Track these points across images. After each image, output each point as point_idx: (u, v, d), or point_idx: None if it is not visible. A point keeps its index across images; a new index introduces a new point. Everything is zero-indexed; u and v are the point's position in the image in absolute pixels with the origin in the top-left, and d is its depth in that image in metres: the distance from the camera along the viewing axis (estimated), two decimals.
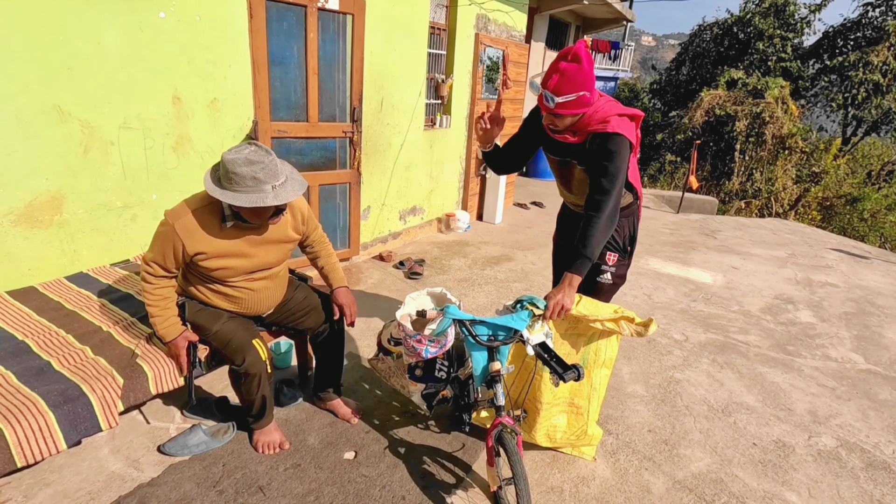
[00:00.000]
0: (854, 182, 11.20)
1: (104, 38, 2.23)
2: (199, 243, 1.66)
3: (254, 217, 1.65)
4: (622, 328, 1.81)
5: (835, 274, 4.99)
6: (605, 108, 1.77)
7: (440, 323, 1.69)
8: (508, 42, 5.34)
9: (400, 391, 2.10)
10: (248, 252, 1.74)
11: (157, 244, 1.68)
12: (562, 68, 1.65)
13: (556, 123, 1.79)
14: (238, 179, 1.54)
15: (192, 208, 1.65)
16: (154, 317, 1.74)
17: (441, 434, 2.18)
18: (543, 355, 1.68)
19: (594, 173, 1.79)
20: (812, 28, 13.32)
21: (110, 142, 2.35)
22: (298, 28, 3.07)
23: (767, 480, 2.09)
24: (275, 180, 1.58)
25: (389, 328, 2.05)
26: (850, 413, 2.63)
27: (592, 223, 1.75)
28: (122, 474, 1.83)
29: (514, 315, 1.74)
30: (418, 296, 1.88)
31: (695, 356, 3.07)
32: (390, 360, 2.08)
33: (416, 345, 1.72)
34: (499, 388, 1.72)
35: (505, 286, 3.87)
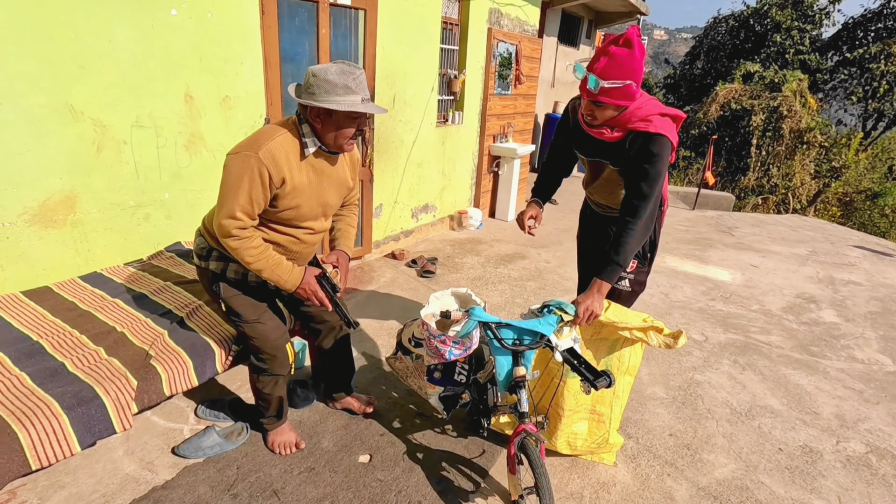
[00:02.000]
0: (874, 177, 10.94)
1: (116, 36, 2.21)
2: (284, 171, 1.53)
3: (339, 135, 1.56)
4: (650, 338, 1.75)
5: (858, 272, 4.86)
6: (647, 105, 1.66)
7: (465, 325, 1.64)
8: (521, 36, 5.26)
9: (417, 392, 2.05)
10: (318, 189, 1.66)
11: (239, 185, 1.50)
12: (611, 51, 1.54)
13: (594, 114, 1.67)
14: (330, 88, 1.48)
15: (270, 138, 1.53)
16: (267, 271, 1.61)
17: (458, 438, 2.14)
18: (573, 361, 1.62)
19: (633, 176, 1.69)
20: (831, 19, 13.01)
21: (123, 141, 2.33)
22: (310, 24, 3.03)
23: (795, 488, 2.02)
24: (364, 93, 1.53)
25: (411, 327, 2.00)
26: (880, 417, 2.54)
27: (628, 229, 1.68)
28: (136, 477, 1.82)
29: (541, 319, 1.67)
30: (442, 295, 1.82)
31: (715, 357, 2.99)
32: (409, 360, 2.03)
33: (439, 346, 1.65)
34: (523, 394, 1.67)
35: (519, 285, 3.81)
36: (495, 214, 5.62)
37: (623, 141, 1.70)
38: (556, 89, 8.96)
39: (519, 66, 5.31)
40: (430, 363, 1.83)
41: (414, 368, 2.01)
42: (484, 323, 1.64)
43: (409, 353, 2.01)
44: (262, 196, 1.54)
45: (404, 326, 2.07)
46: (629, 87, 1.57)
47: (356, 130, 1.59)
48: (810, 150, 10.52)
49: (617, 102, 1.60)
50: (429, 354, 1.75)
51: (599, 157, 1.81)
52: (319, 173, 1.65)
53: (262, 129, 1.60)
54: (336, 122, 1.54)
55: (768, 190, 10.66)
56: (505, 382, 1.72)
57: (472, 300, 1.80)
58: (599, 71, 1.56)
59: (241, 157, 1.50)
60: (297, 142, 1.57)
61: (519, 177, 5.55)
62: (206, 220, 1.74)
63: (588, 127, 1.73)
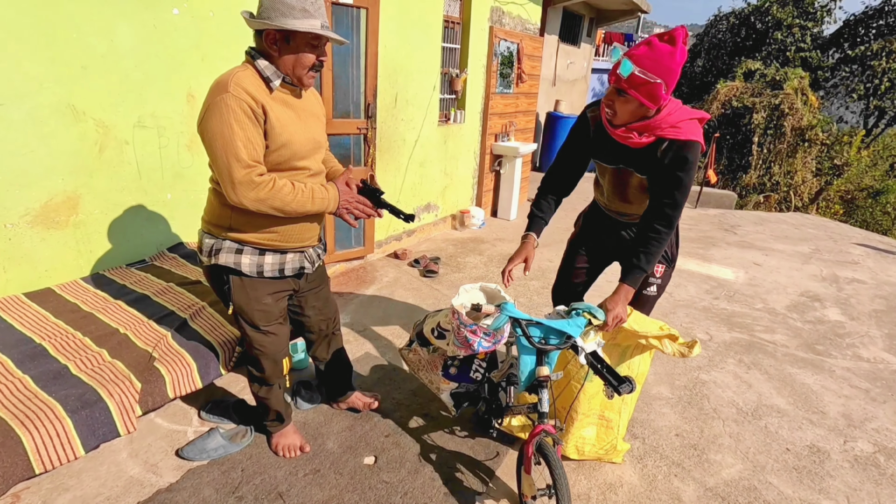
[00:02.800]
0: (876, 174, 10.90)
1: (118, 36, 2.20)
2: (261, 99, 1.40)
3: (298, 63, 1.44)
4: (665, 346, 1.73)
5: (862, 270, 4.84)
6: (677, 111, 1.60)
7: (496, 319, 1.61)
8: (523, 35, 5.24)
9: (427, 386, 2.02)
10: (301, 122, 1.54)
11: (230, 132, 1.35)
12: (654, 42, 1.49)
13: (615, 107, 1.58)
14: (286, 10, 1.37)
15: (231, 75, 1.39)
16: (309, 203, 1.50)
17: (464, 438, 2.13)
18: (597, 365, 1.60)
19: (666, 184, 1.64)
20: (832, 17, 12.95)
21: (125, 141, 2.32)
22: None
23: (803, 488, 2.00)
24: (323, 19, 1.43)
25: (436, 317, 1.93)
26: (887, 416, 2.52)
27: (661, 239, 1.66)
28: (140, 479, 1.80)
29: (569, 320, 1.65)
30: (472, 288, 1.80)
31: (720, 356, 2.98)
32: (425, 352, 1.96)
33: (469, 335, 1.61)
34: (545, 394, 1.65)
35: (522, 284, 3.80)
36: (497, 213, 5.61)
37: (652, 148, 1.63)
38: (557, 88, 8.94)
39: (521, 64, 5.29)
40: (453, 354, 1.79)
41: (428, 361, 1.96)
42: (514, 319, 1.62)
43: (426, 345, 1.95)
44: (257, 133, 1.41)
45: (426, 317, 2.02)
46: (658, 88, 1.49)
47: (316, 60, 1.46)
48: (812, 147, 10.48)
49: (641, 99, 1.52)
50: (455, 345, 1.71)
51: (625, 164, 1.74)
52: (294, 108, 1.52)
53: (217, 77, 1.44)
54: (294, 47, 1.42)
55: (770, 188, 10.62)
56: (527, 382, 1.69)
57: (501, 296, 1.77)
58: (637, 58, 1.49)
59: (213, 103, 1.36)
60: (258, 77, 1.43)
61: (521, 175, 5.53)
62: (205, 216, 1.66)
63: (612, 128, 1.64)
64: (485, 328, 1.60)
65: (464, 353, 1.70)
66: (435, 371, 1.92)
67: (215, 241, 1.61)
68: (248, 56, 1.48)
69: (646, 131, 1.60)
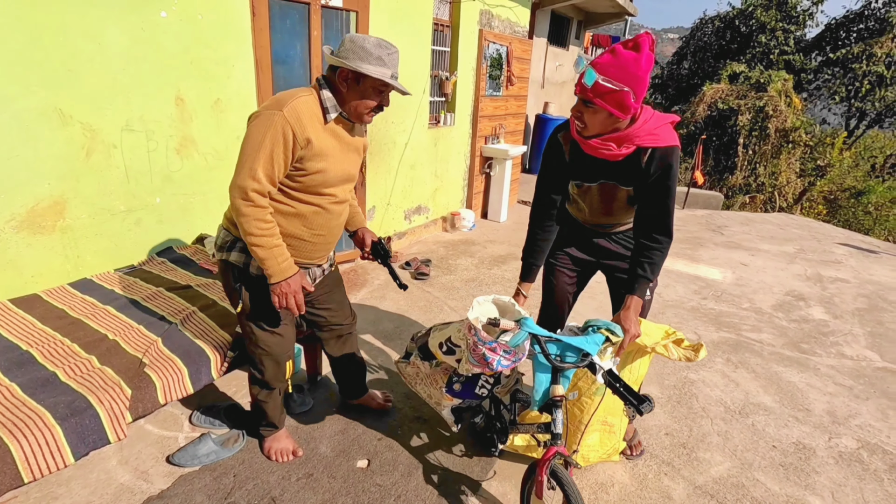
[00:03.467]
0: (858, 175, 11.13)
1: (105, 39, 2.18)
2: (308, 131, 1.48)
3: (362, 104, 1.55)
4: (671, 352, 1.72)
5: (845, 269, 4.94)
6: (653, 118, 1.58)
7: (516, 335, 1.52)
8: (512, 38, 5.28)
9: (426, 401, 1.95)
10: (340, 155, 1.62)
11: (261, 145, 1.43)
12: (617, 50, 1.46)
13: (584, 120, 1.56)
14: (364, 55, 1.49)
15: (294, 97, 1.49)
16: (267, 248, 1.50)
17: (457, 440, 2.13)
18: (615, 385, 1.55)
19: (655, 194, 1.62)
20: (814, 20, 13.20)
21: (113, 144, 2.30)
22: (302, 26, 3.01)
23: (790, 484, 2.04)
24: (395, 70, 1.54)
25: (446, 331, 1.81)
26: (870, 413, 2.58)
27: (663, 248, 1.65)
28: (131, 486, 1.79)
29: (587, 337, 1.59)
30: (485, 301, 1.69)
31: (708, 355, 3.02)
32: (426, 366, 1.88)
33: (488, 353, 1.51)
34: (559, 415, 1.58)
35: (513, 285, 3.79)
36: (488, 215, 5.63)
37: (633, 158, 1.60)
38: (546, 90, 9.00)
39: (510, 67, 5.32)
40: (466, 372, 1.67)
41: (427, 375, 1.89)
42: (533, 335, 1.54)
43: (430, 359, 1.86)
44: (284, 158, 1.47)
45: (431, 330, 1.91)
46: (625, 96, 1.45)
47: (378, 104, 1.57)
48: (796, 149, 10.66)
49: (609, 108, 1.48)
50: (470, 362, 1.59)
51: (607, 178, 1.71)
52: (341, 140, 1.61)
53: (283, 92, 1.54)
54: (362, 90, 1.52)
55: (756, 188, 10.79)
56: (542, 401, 1.62)
57: (515, 310, 1.67)
58: (601, 66, 1.47)
59: (264, 116, 1.45)
60: (318, 106, 1.53)
61: (511, 177, 5.56)
62: (229, 212, 1.68)
63: (584, 139, 1.60)
64: (505, 345, 1.51)
65: (480, 370, 1.60)
66: (435, 386, 1.85)
67: (231, 238, 1.66)
68: (316, 83, 1.57)
69: (624, 142, 1.56)
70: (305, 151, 1.50)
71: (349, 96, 1.54)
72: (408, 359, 1.99)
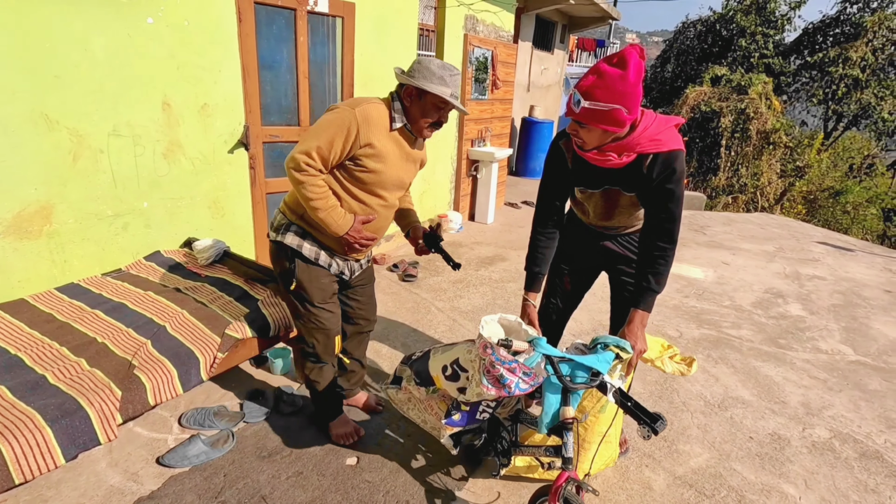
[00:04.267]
0: (836, 175, 11.41)
1: (91, 45, 2.20)
2: (372, 134, 1.66)
3: (422, 119, 1.72)
4: (665, 366, 1.73)
5: (822, 267, 5.08)
6: (654, 124, 1.53)
7: (530, 357, 1.46)
8: (497, 42, 5.36)
9: (420, 425, 1.91)
10: (398, 162, 1.78)
11: (326, 130, 1.62)
12: (602, 69, 1.40)
13: (581, 137, 1.53)
14: (428, 74, 1.66)
15: (368, 101, 1.68)
16: (325, 210, 1.68)
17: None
18: (626, 403, 1.49)
19: (659, 199, 1.58)
20: (792, 25, 13.51)
21: (100, 150, 2.31)
22: (288, 31, 3.04)
23: (765, 473, 2.12)
24: (455, 90, 1.70)
25: (451, 353, 1.70)
26: (842, 404, 2.68)
27: (667, 256, 1.60)
28: (121, 488, 1.80)
29: (598, 356, 1.53)
30: (491, 320, 1.62)
31: (689, 352, 3.10)
32: (422, 391, 1.78)
33: (506, 374, 1.41)
34: (569, 438, 1.53)
35: (500, 286, 3.88)
36: (475, 217, 5.69)
37: (636, 164, 1.56)
38: (531, 93, 9.11)
39: (495, 71, 5.40)
40: (477, 398, 1.57)
41: (421, 401, 1.80)
42: (548, 356, 1.47)
43: (427, 384, 1.76)
44: (341, 147, 1.63)
45: (428, 353, 1.81)
46: (617, 113, 1.41)
47: (437, 120, 1.74)
48: (776, 150, 10.90)
49: (603, 127, 1.45)
50: (484, 385, 1.47)
51: (611, 184, 1.68)
52: (401, 148, 1.77)
53: (361, 96, 1.76)
54: (424, 105, 1.69)
55: (738, 189, 11.00)
56: (551, 423, 1.55)
57: (522, 329, 1.61)
58: (586, 90, 1.42)
59: (338, 110, 1.65)
60: (388, 114, 1.71)
61: (497, 180, 5.63)
62: (290, 197, 1.85)
63: (585, 152, 1.58)
64: (525, 366, 1.43)
65: (496, 394, 1.47)
66: (430, 412, 1.78)
67: (287, 221, 1.83)
68: (390, 95, 1.76)
69: (625, 150, 1.53)
70: (365, 150, 1.67)
71: (412, 111, 1.72)
72: (398, 384, 1.88)
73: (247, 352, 2.13)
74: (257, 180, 3.08)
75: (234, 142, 2.88)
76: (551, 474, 1.80)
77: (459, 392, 1.64)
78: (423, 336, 3.06)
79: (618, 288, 2.01)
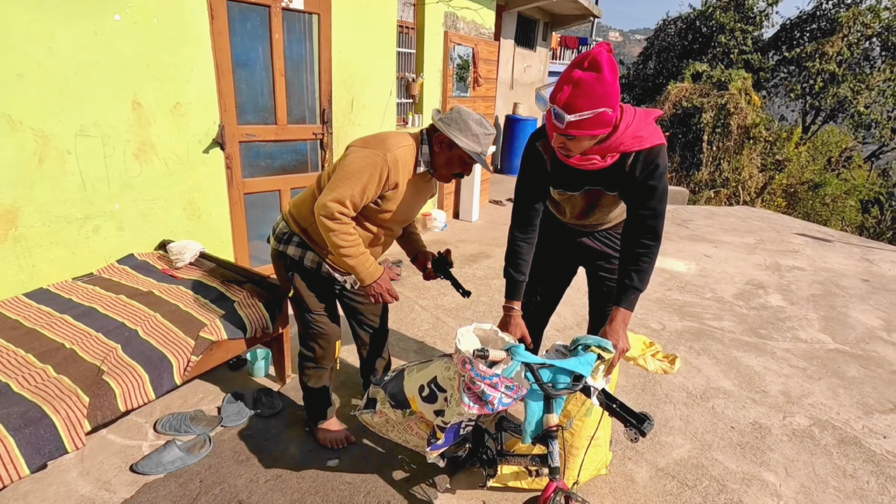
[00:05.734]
0: (815, 169, 11.61)
1: (56, 43, 2.13)
2: (400, 176, 1.67)
3: (448, 167, 1.73)
4: (648, 364, 1.70)
5: (801, 258, 5.16)
6: (635, 121, 1.47)
7: (509, 366, 1.39)
8: (478, 39, 5.35)
9: (402, 444, 1.82)
10: (412, 200, 1.80)
11: (358, 178, 1.60)
12: (576, 78, 1.32)
13: (568, 147, 1.45)
14: (464, 127, 1.66)
15: (398, 145, 1.67)
16: (355, 257, 1.67)
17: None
18: (612, 405, 1.45)
19: (642, 196, 1.53)
20: (770, 21, 13.73)
21: (67, 150, 2.25)
22: (263, 29, 3.00)
23: (746, 462, 2.13)
24: (485, 149, 1.72)
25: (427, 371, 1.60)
26: (821, 392, 2.71)
27: (651, 253, 1.55)
28: (92, 497, 1.75)
29: (579, 358, 1.46)
30: (467, 332, 1.54)
31: (672, 344, 3.12)
32: (398, 414, 1.66)
33: (488, 390, 1.33)
34: (555, 446, 1.45)
35: (484, 283, 3.87)
36: (459, 215, 5.67)
37: (618, 164, 1.51)
38: (515, 91, 9.12)
39: (476, 68, 5.39)
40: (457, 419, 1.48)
41: (398, 423, 1.70)
42: (527, 364, 1.40)
43: (403, 406, 1.64)
44: (374, 193, 1.65)
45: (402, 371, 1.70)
46: (603, 116, 1.36)
47: (460, 170, 1.77)
48: (756, 144, 11.06)
49: (593, 133, 1.40)
50: (466, 403, 1.37)
51: (592, 185, 1.64)
52: (418, 189, 1.79)
53: (390, 133, 1.72)
54: (451, 156, 1.71)
55: (720, 183, 11.15)
56: (535, 432, 1.48)
57: (499, 337, 1.54)
58: (564, 103, 1.35)
59: (370, 152, 1.63)
60: (414, 157, 1.71)
61: (481, 177, 5.62)
62: (294, 206, 1.85)
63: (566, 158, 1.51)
64: (508, 379, 1.36)
65: (478, 412, 1.37)
66: (411, 432, 1.70)
67: (289, 231, 1.84)
68: (421, 134, 1.75)
69: (609, 152, 1.48)
70: (389, 192, 1.69)
71: (439, 157, 1.73)
72: (373, 407, 1.75)
73: (223, 354, 2.09)
74: (234, 180, 3.03)
75: (209, 141, 2.83)
76: (540, 482, 1.76)
77: (436, 415, 1.51)
78: (407, 335, 3.03)
79: (596, 284, 2.00)
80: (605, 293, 1.96)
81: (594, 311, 2.05)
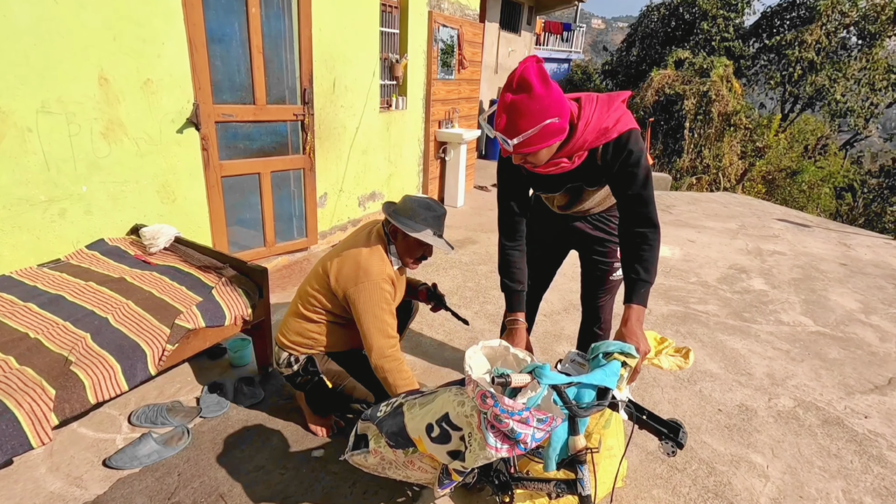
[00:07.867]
0: (793, 156, 11.81)
1: (12, 11, 1.98)
2: (395, 286, 1.83)
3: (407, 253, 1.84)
4: (662, 362, 1.55)
5: (782, 243, 5.23)
6: (596, 115, 1.41)
7: (535, 395, 1.15)
8: (463, 21, 5.22)
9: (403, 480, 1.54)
10: (400, 289, 1.94)
11: (381, 308, 1.72)
12: (509, 101, 1.30)
13: (530, 162, 1.43)
14: (413, 215, 1.76)
15: (381, 263, 1.77)
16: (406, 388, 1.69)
17: None
18: (642, 417, 1.31)
19: (624, 185, 1.48)
20: (752, 8, 13.83)
21: (27, 128, 2.10)
22: (239, 3, 2.85)
23: (733, 444, 2.14)
24: (437, 230, 1.79)
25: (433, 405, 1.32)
26: (804, 373, 2.74)
27: (651, 242, 1.47)
28: (62, 494, 1.66)
29: (603, 370, 1.29)
30: (475, 353, 1.28)
31: (659, 328, 3.12)
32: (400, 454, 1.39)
33: (518, 427, 1.10)
34: (585, 473, 1.28)
35: (470, 269, 3.82)
36: (445, 201, 5.60)
37: (590, 159, 1.48)
38: (499, 75, 9.02)
39: (461, 50, 5.27)
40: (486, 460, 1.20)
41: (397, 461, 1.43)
42: (554, 386, 1.19)
43: (406, 446, 1.36)
44: (393, 308, 1.79)
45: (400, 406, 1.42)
46: (549, 127, 1.32)
47: (421, 254, 1.86)
48: (737, 132, 11.19)
49: (543, 146, 1.36)
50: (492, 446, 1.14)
51: (572, 183, 1.61)
52: (399, 281, 1.93)
53: (361, 256, 1.77)
54: (408, 244, 1.82)
55: (701, 170, 11.26)
56: (559, 457, 1.31)
57: (511, 355, 1.30)
58: (504, 129, 1.33)
59: (370, 286, 1.73)
60: (389, 263, 1.82)
61: (466, 162, 5.54)
62: (280, 332, 1.92)
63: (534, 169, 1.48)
64: (540, 411, 1.14)
65: (507, 454, 1.15)
66: (413, 467, 1.43)
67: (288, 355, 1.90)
68: (384, 235, 1.84)
69: (575, 152, 1.44)
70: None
71: (399, 247, 1.84)
72: (365, 447, 1.47)
73: (200, 343, 2.00)
74: (211, 162, 2.90)
75: (183, 121, 2.69)
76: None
77: (451, 457, 1.27)
78: None
79: (589, 268, 1.97)
80: (598, 277, 1.95)
81: (586, 295, 2.02)
